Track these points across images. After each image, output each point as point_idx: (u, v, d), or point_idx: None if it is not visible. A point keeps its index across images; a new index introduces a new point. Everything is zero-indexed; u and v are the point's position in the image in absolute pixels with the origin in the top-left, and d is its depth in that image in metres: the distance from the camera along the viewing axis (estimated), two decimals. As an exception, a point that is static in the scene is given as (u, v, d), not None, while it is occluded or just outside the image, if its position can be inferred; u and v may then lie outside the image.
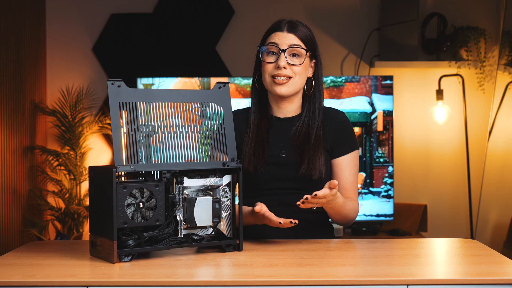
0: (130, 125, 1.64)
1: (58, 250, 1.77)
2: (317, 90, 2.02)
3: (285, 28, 1.97)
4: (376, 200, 3.71)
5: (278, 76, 1.95)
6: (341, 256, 1.72)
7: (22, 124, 3.67)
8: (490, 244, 3.91)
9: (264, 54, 1.99)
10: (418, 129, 4.02)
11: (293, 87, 1.97)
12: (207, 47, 4.00)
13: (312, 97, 2.02)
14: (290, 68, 1.95)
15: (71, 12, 4.00)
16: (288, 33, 1.97)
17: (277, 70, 1.95)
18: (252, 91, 2.07)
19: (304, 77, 1.99)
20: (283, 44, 1.95)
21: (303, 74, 1.98)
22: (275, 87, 1.97)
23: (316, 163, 1.95)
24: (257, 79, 2.04)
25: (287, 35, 1.96)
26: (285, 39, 1.96)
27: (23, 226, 3.64)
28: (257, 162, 1.96)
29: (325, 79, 3.70)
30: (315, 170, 1.94)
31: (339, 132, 2.02)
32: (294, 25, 1.98)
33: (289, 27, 1.98)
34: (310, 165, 1.94)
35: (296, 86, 1.98)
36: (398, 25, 3.86)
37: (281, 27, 1.98)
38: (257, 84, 2.04)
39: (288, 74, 1.95)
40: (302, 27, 1.99)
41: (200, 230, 1.73)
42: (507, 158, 3.90)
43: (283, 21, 2.00)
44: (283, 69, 1.95)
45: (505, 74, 3.83)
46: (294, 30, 1.97)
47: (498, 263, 1.61)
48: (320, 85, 2.03)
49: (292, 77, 1.96)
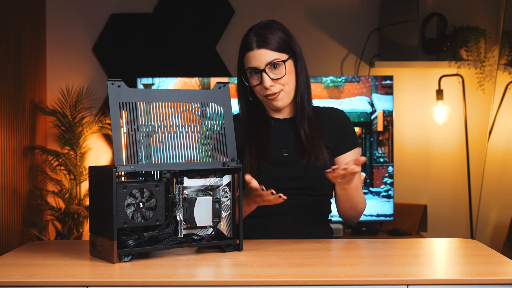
0: (130, 125, 1.64)
1: (58, 250, 1.77)
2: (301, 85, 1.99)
3: (255, 45, 1.92)
4: (376, 200, 3.71)
5: (268, 95, 1.95)
6: (341, 256, 1.72)
7: (22, 124, 3.67)
8: (490, 244, 3.91)
9: (248, 77, 1.97)
10: (418, 129, 4.02)
11: (286, 97, 1.97)
12: (207, 47, 4.00)
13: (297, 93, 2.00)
14: (277, 82, 1.94)
15: (71, 12, 4.00)
16: (260, 49, 1.92)
17: (265, 91, 1.95)
18: (240, 99, 2.04)
19: (292, 82, 1.97)
20: (260, 65, 1.92)
21: (291, 80, 1.97)
22: (272, 104, 1.97)
23: (319, 153, 1.95)
24: (249, 91, 2.01)
25: (260, 52, 1.92)
26: (259, 57, 1.92)
27: (23, 226, 3.64)
28: (260, 162, 1.96)
29: (325, 79, 3.70)
30: (318, 159, 1.94)
31: (341, 130, 2.02)
32: (263, 39, 1.92)
33: (258, 42, 1.92)
34: (313, 157, 1.95)
35: (289, 95, 1.98)
36: (398, 25, 3.86)
37: (251, 46, 1.93)
38: (250, 96, 2.02)
39: (277, 90, 1.95)
40: (271, 35, 1.93)
41: (200, 230, 1.73)
42: (507, 158, 3.90)
43: (250, 35, 1.94)
44: (270, 87, 1.94)
45: (505, 74, 3.83)
46: (265, 44, 1.92)
47: (498, 263, 1.61)
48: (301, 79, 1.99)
49: (282, 89, 1.95)
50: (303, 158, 1.96)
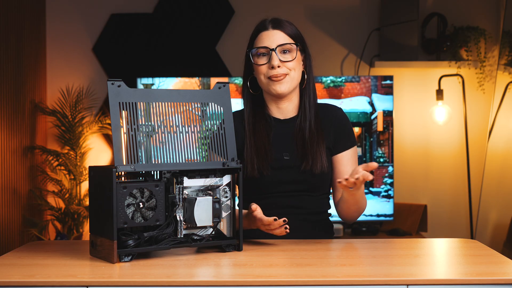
0: (130, 125, 1.64)
1: (58, 250, 1.77)
2: (308, 84, 2.01)
3: (270, 26, 1.96)
4: (376, 200, 3.71)
5: (274, 76, 1.94)
6: (341, 256, 1.72)
7: (22, 124, 3.67)
8: (490, 244, 3.91)
9: (255, 57, 1.97)
10: (418, 129, 4.02)
11: (290, 83, 1.96)
12: (207, 47, 4.00)
13: (305, 91, 2.01)
14: (284, 65, 1.94)
15: (71, 12, 4.00)
16: (274, 29, 1.95)
17: (271, 71, 1.94)
18: (245, 95, 2.04)
19: (299, 71, 1.98)
20: (272, 43, 1.94)
21: (297, 68, 1.97)
22: (274, 86, 1.95)
23: (317, 157, 1.94)
24: (249, 83, 2.02)
25: (274, 33, 1.95)
26: (273, 37, 1.95)
27: (23, 226, 3.64)
28: (261, 166, 1.95)
29: (325, 79, 3.70)
30: (316, 165, 1.94)
31: (339, 128, 2.02)
32: (279, 22, 1.97)
33: (274, 24, 1.96)
34: (310, 161, 1.94)
35: (293, 82, 1.97)
36: (398, 25, 3.86)
37: (266, 26, 1.97)
38: (250, 89, 2.03)
39: (283, 72, 1.94)
40: (287, 23, 1.98)
41: (200, 230, 1.73)
42: (507, 158, 3.90)
43: (266, 20, 1.99)
44: (277, 68, 1.93)
45: (505, 74, 3.83)
46: (280, 26, 1.96)
47: (498, 263, 1.61)
48: (310, 78, 2.02)
49: (288, 74, 1.95)
50: (303, 163, 1.95)
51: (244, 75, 2.04)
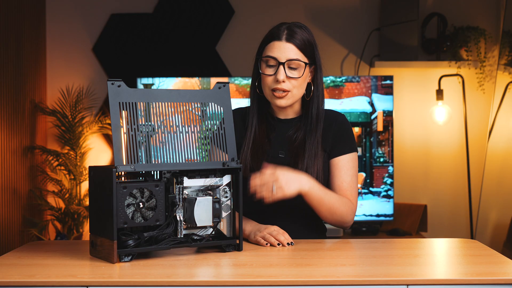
0: (130, 125, 1.64)
1: (58, 250, 1.77)
2: (316, 95, 2.00)
3: (284, 36, 1.93)
4: (376, 200, 3.71)
5: (277, 90, 1.94)
6: (341, 256, 1.72)
7: (22, 124, 3.67)
8: (490, 244, 3.91)
9: (263, 65, 1.97)
10: (418, 129, 4.02)
11: (291, 99, 1.96)
12: (207, 47, 4.00)
13: (311, 102, 2.01)
14: (289, 81, 1.93)
15: (71, 12, 4.00)
16: (287, 42, 1.92)
17: (276, 84, 1.93)
18: (252, 94, 2.05)
19: (303, 87, 1.97)
20: (282, 57, 1.92)
21: (302, 86, 1.96)
22: (275, 100, 1.96)
23: (313, 169, 1.95)
24: (257, 84, 2.02)
25: (286, 46, 1.92)
26: (284, 50, 1.92)
27: (23, 226, 3.64)
28: (255, 165, 1.96)
29: (325, 79, 3.70)
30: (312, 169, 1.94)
31: (338, 133, 2.02)
32: (293, 33, 1.93)
33: (288, 35, 1.93)
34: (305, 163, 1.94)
35: (295, 98, 1.97)
36: (398, 25, 3.86)
37: (279, 36, 1.93)
38: (257, 89, 2.03)
39: (287, 88, 1.93)
40: (301, 32, 1.94)
41: (200, 230, 1.73)
42: (507, 158, 3.90)
43: (282, 27, 1.95)
44: (282, 83, 1.93)
45: (505, 74, 3.83)
46: (293, 39, 1.92)
47: (498, 263, 1.61)
48: (319, 89, 2.00)
49: (291, 91, 1.94)
50: (298, 164, 1.95)
51: (253, 76, 2.04)
